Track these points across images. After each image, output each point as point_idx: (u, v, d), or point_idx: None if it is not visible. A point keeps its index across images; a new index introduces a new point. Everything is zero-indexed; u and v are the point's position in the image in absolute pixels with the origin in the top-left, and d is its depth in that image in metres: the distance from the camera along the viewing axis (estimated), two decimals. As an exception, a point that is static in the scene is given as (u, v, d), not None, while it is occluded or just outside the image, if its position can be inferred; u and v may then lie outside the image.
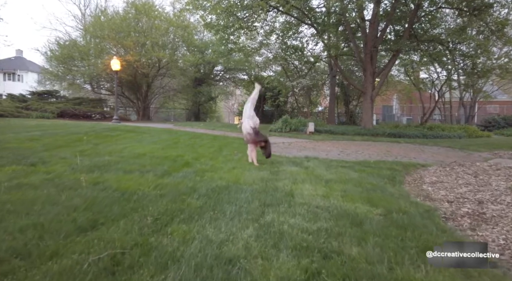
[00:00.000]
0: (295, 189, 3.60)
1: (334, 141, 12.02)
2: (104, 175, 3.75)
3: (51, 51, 22.17)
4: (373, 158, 7.47)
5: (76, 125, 11.21)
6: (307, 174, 4.66)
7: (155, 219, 2.30)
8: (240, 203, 2.88)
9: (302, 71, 21.62)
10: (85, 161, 4.71)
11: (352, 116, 24.31)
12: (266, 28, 16.88)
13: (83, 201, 2.61)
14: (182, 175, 4.11)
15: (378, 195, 3.40)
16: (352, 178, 4.44)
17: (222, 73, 28.09)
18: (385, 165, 6.06)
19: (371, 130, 14.84)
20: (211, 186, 3.53)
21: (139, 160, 5.14)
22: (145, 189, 3.20)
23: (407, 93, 25.17)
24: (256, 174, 4.47)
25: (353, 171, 5.26)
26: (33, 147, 5.55)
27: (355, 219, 2.52)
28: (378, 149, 9.52)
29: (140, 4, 21.40)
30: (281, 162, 5.89)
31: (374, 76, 15.60)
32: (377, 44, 15.42)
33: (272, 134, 13.56)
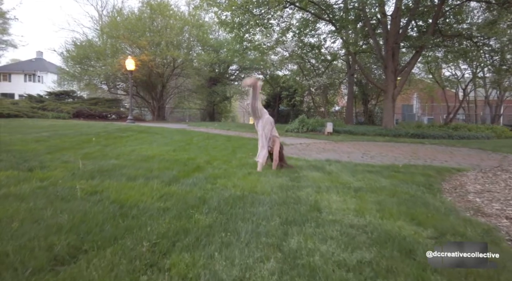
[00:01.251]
0: (321, 200, 3.10)
1: (355, 142, 11.41)
2: (105, 182, 3.35)
3: (67, 51, 22.27)
4: (399, 161, 6.87)
5: (89, 125, 10.99)
6: (331, 181, 4.14)
7: (153, 244, 1.84)
8: (258, 220, 2.40)
9: (319, 70, 21.02)
10: (89, 165, 4.34)
11: (371, 116, 23.55)
12: (282, 25, 16.37)
13: (71, 218, 2.19)
14: (191, 182, 3.67)
15: (421, 210, 2.86)
16: (383, 187, 3.89)
17: (237, 72, 27.72)
18: (416, 170, 5.47)
19: (392, 131, 14.13)
20: (223, 196, 3.07)
21: (147, 163, 4.74)
22: (147, 201, 2.77)
23: (429, 92, 24.17)
24: (274, 181, 3.99)
25: (382, 177, 4.71)
26: (37, 150, 5.23)
27: (403, 245, 2.00)
28: (403, 151, 8.89)
29: (155, 3, 21.21)
30: (301, 166, 5.38)
31: (396, 74, 14.87)
32: (399, 40, 14.70)
33: (288, 135, 13.04)
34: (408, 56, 19.35)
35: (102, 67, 20.97)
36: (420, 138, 13.34)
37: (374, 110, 24.35)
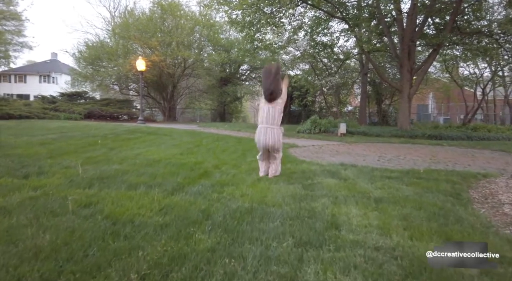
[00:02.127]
0: (338, 214, 2.77)
1: (369, 143, 10.98)
2: (102, 191, 3.09)
3: (80, 52, 22.38)
4: (419, 165, 6.46)
5: (98, 126, 10.85)
6: (348, 189, 3.80)
7: (142, 277, 1.55)
8: (267, 241, 2.09)
9: (331, 69, 20.60)
10: (90, 171, 4.10)
11: (385, 116, 22.98)
12: (294, 24, 16.00)
13: (53, 238, 1.92)
14: (196, 191, 3.38)
15: (455, 227, 2.50)
16: (407, 196, 3.53)
17: (248, 72, 27.45)
18: (439, 176, 5.07)
19: (408, 132, 13.62)
20: (230, 208, 2.77)
21: (151, 168, 4.48)
22: (145, 215, 2.49)
23: (445, 91, 23.44)
24: (286, 189, 3.67)
25: (403, 184, 4.34)
26: (39, 153, 5.03)
27: (442, 278, 1.66)
28: (421, 154, 8.45)
29: (166, 3, 21.11)
30: (314, 171, 5.04)
31: (412, 73, 14.36)
32: (415, 38, 14.19)
33: (300, 136, 12.69)
34: (424, 54, 18.79)
35: (114, 68, 20.99)
36: (437, 139, 12.82)
37: (388, 110, 23.76)
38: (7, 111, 14.07)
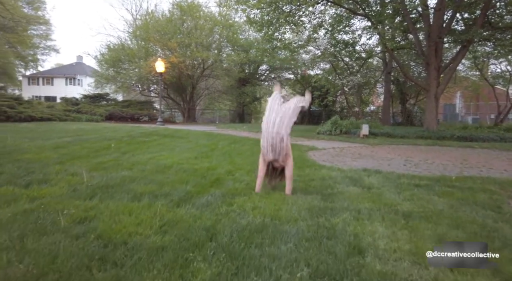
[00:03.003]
0: (362, 233, 2.41)
1: (394, 145, 10.44)
2: (103, 203, 2.86)
3: (101, 54, 22.74)
4: (449, 170, 5.96)
5: (116, 129, 10.83)
6: (372, 201, 3.42)
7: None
8: (278, 271, 1.77)
9: (352, 68, 19.99)
10: (97, 178, 3.90)
11: (409, 116, 22.09)
12: (314, 22, 15.55)
13: (30, 267, 1.67)
14: (205, 202, 3.11)
15: (505, 254, 2.10)
16: (440, 211, 3.12)
17: (267, 72, 27.14)
18: (474, 184, 4.59)
19: (435, 133, 12.91)
20: (239, 225, 2.47)
21: (161, 175, 4.24)
22: (142, 233, 2.22)
23: (474, 90, 22.29)
24: (303, 201, 3.34)
25: (434, 194, 3.91)
26: (49, 158, 4.90)
27: None
28: (451, 157, 7.89)
29: (185, 5, 21.11)
30: (335, 178, 4.67)
31: (439, 71, 13.62)
32: (442, 35, 13.45)
33: (320, 138, 12.25)
34: (452, 52, 17.90)
35: (135, 70, 21.20)
36: (467, 140, 12.07)
37: (413, 110, 22.82)
38: (29, 113, 14.38)
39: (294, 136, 12.61)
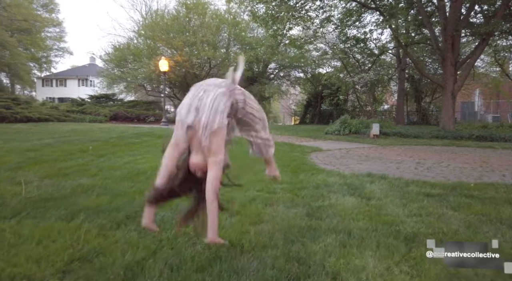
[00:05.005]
0: (345, 271, 1.78)
1: (406, 146, 9.69)
2: (19, 224, 2.30)
3: (106, 54, 22.57)
4: (467, 175, 5.24)
5: (110, 129, 10.41)
6: (370, 218, 2.79)
7: None
8: None
9: (364, 65, 19.19)
10: (44, 187, 3.35)
11: (425, 115, 21.12)
12: (322, 17, 14.85)
13: None
14: (158, 220, 2.51)
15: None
16: (454, 231, 2.47)
17: (276, 71, 26.52)
18: (496, 193, 3.89)
19: (452, 132, 12.07)
20: (179, 258, 1.88)
21: (127, 183, 3.70)
22: (34, 278, 1.64)
23: (495, 87, 21.14)
24: (283, 217, 2.74)
25: (448, 207, 3.24)
26: (7, 163, 4.39)
27: None
28: (469, 159, 7.12)
29: (191, 2, 20.68)
30: (331, 185, 4.04)
31: (456, 67, 12.75)
32: (459, 28, 12.60)
33: (327, 138, 11.57)
34: (470, 47, 16.92)
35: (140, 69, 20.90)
36: (487, 141, 11.21)
37: (428, 108, 21.81)
38: (25, 114, 14.08)
39: (299, 137, 11.96)
